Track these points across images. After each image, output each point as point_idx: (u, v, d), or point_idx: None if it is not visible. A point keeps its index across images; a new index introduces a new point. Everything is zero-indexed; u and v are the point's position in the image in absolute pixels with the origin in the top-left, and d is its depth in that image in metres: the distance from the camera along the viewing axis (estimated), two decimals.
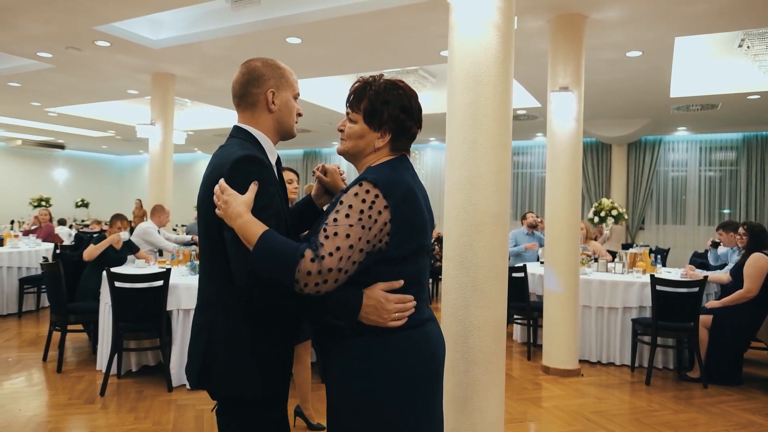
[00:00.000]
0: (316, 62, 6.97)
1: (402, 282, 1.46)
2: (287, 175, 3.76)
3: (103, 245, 5.09)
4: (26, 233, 8.35)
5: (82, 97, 9.69)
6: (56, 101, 10.18)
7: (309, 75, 7.73)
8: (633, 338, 5.05)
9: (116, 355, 4.28)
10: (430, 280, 8.68)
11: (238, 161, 1.47)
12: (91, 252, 5.07)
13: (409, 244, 1.46)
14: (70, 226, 12.22)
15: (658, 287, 4.65)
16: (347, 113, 1.57)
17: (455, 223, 2.83)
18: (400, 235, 1.43)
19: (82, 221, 14.78)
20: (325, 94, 9.41)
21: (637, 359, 5.10)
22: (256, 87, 1.59)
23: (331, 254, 1.34)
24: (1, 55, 7.79)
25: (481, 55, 2.74)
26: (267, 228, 1.40)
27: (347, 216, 1.38)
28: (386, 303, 1.43)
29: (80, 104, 10.59)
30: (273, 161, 1.65)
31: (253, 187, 1.45)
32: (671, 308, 4.65)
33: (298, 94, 1.68)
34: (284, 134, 1.68)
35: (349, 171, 9.35)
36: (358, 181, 1.44)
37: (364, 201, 1.39)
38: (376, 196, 1.40)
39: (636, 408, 4.14)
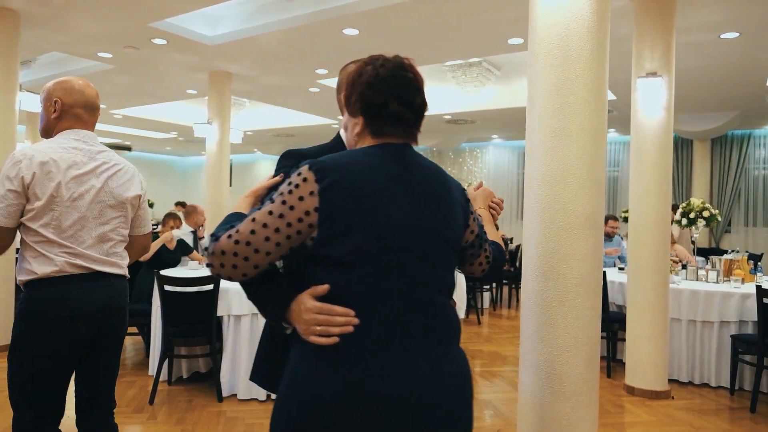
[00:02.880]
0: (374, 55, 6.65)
1: (327, 287, 1.18)
2: None
3: (156, 244, 4.99)
4: None
5: (143, 98, 9.84)
6: (120, 103, 10.40)
7: None
8: (732, 357, 4.42)
9: (166, 361, 4.12)
10: (493, 286, 8.16)
11: (280, 156, 1.51)
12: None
13: (344, 241, 1.17)
14: None
15: (766, 300, 4.01)
16: None
17: (537, 227, 2.40)
18: (329, 228, 1.18)
19: None
20: None
21: (738, 381, 4.47)
22: (338, 93, 1.55)
23: (229, 236, 1.18)
24: (66, 58, 7.96)
25: (571, 26, 2.30)
26: (237, 211, 1.32)
27: (271, 201, 1.21)
28: (303, 310, 1.19)
29: (143, 105, 10.78)
30: None
31: (274, 179, 1.39)
32: None
33: None
34: None
35: None
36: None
37: (290, 183, 1.20)
38: (305, 179, 1.18)
39: None
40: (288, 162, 1.45)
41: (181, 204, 8.97)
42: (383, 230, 1.18)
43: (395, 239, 1.19)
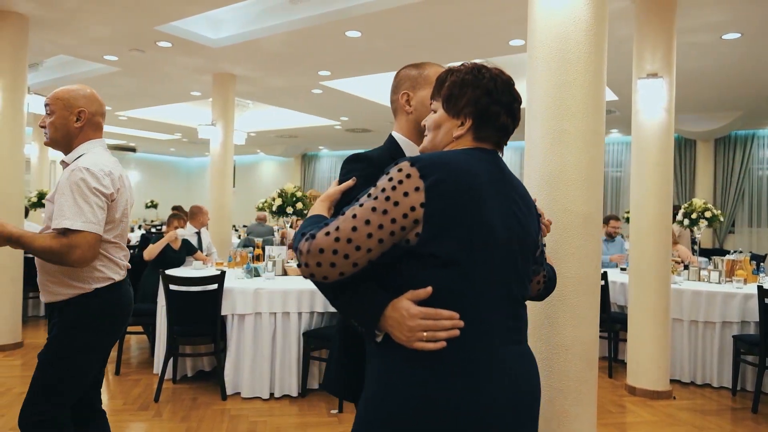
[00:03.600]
0: (376, 56, 6.70)
1: (429, 290, 1.15)
2: None
3: (161, 244, 5.05)
4: None
5: (149, 100, 9.91)
6: (125, 105, 10.47)
7: (369, 71, 7.50)
8: (734, 357, 4.43)
9: (171, 359, 4.16)
10: None
11: (345, 160, 1.47)
12: (150, 251, 5.04)
13: (449, 239, 1.14)
14: (140, 227, 12.61)
15: None
16: (430, 104, 1.41)
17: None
18: (434, 226, 1.14)
19: (151, 222, 15.27)
20: (385, 91, 9.13)
21: (740, 382, 4.48)
22: (394, 94, 1.61)
23: (327, 233, 1.14)
24: (72, 60, 8.03)
25: (569, 29, 2.33)
26: (319, 212, 1.34)
27: (369, 196, 1.17)
28: (407, 317, 1.14)
29: (148, 107, 10.86)
30: None
31: (347, 182, 1.41)
32: None
33: None
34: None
35: None
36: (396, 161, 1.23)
37: (391, 179, 1.16)
38: (408, 176, 1.15)
39: None
40: (356, 165, 1.43)
41: (176, 208, 8.95)
42: (484, 230, 1.17)
43: (494, 240, 1.19)
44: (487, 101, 1.27)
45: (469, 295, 1.16)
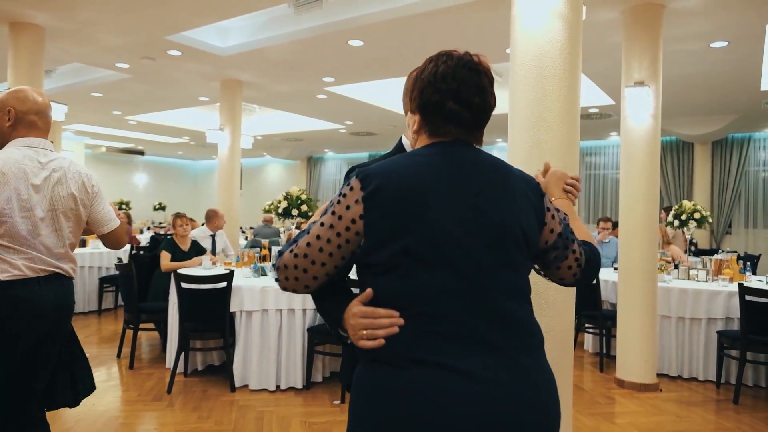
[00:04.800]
0: (378, 64, 6.93)
1: (370, 292, 1.18)
2: None
3: (181, 265, 5.13)
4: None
5: (158, 105, 10.19)
6: (135, 109, 10.76)
7: (372, 77, 7.73)
8: (719, 352, 4.63)
9: (183, 354, 4.40)
10: None
11: (347, 172, 1.42)
12: (168, 267, 5.17)
13: (390, 247, 1.13)
14: (148, 228, 12.89)
15: (748, 297, 4.23)
16: None
17: None
18: (374, 236, 1.15)
19: (160, 224, 15.56)
20: (389, 96, 9.38)
21: (724, 375, 4.68)
22: (404, 96, 1.42)
23: (291, 251, 1.20)
24: (85, 67, 8.31)
25: (546, 48, 2.57)
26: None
27: (326, 212, 1.21)
28: (350, 316, 1.19)
29: (156, 112, 11.14)
30: None
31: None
32: (763, 320, 4.21)
33: None
34: None
35: None
36: None
37: (340, 193, 1.19)
38: (351, 188, 1.17)
39: (722, 429, 3.78)
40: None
41: (176, 215, 9.14)
42: (432, 233, 1.13)
43: (447, 242, 1.13)
44: (427, 91, 1.22)
45: (418, 299, 1.13)
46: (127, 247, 7.87)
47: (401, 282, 1.14)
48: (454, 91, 1.21)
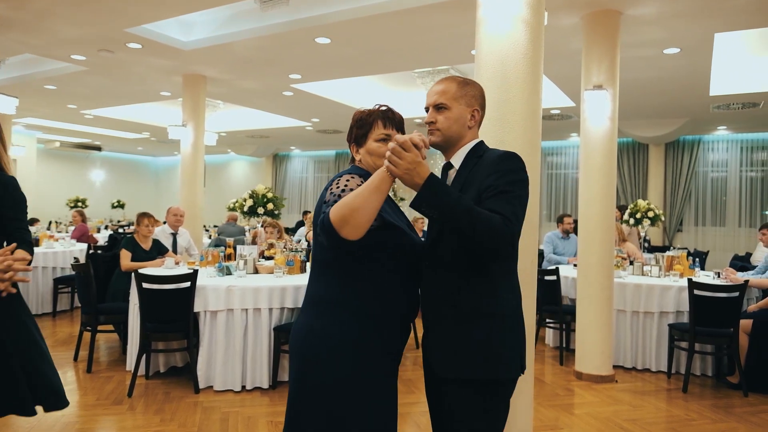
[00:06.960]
0: (345, 62, 6.94)
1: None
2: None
3: (143, 265, 5.04)
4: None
5: (116, 99, 9.91)
6: (92, 103, 10.43)
7: (338, 75, 7.72)
8: (670, 344, 4.86)
9: (144, 356, 4.30)
10: None
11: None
12: (129, 266, 5.07)
13: None
14: (106, 227, 12.52)
15: (696, 292, 4.45)
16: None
17: None
18: None
19: (118, 222, 15.13)
20: (355, 94, 9.39)
21: (674, 366, 4.91)
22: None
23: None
24: (37, 59, 8.01)
25: (509, 52, 2.64)
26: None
27: None
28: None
29: (115, 106, 10.83)
30: None
31: None
32: (710, 313, 4.45)
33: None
34: None
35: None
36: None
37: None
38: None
39: (672, 416, 3.97)
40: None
41: (144, 214, 8.94)
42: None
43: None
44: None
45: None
46: (84, 246, 7.65)
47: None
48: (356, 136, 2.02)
